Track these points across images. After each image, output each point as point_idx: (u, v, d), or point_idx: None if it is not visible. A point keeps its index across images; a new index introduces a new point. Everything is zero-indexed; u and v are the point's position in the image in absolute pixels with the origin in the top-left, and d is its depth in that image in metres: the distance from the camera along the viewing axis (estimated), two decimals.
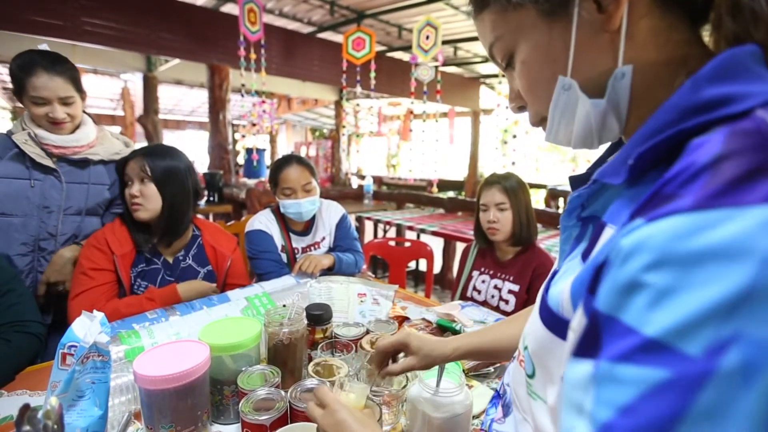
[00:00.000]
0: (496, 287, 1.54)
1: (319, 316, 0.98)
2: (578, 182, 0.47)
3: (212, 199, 4.23)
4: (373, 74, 4.42)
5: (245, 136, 8.37)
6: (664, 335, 0.25)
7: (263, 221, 1.59)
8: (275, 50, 5.03)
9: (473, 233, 1.64)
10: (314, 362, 0.83)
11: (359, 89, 4.55)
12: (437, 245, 2.87)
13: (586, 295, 0.33)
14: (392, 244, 2.54)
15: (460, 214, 3.85)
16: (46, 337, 1.06)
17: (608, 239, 0.35)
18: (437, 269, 3.72)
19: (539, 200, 6.77)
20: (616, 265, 0.29)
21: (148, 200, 1.19)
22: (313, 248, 1.65)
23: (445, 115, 8.55)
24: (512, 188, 1.49)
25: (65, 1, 3.58)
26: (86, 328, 0.68)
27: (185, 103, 10.53)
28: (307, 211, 1.55)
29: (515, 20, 0.41)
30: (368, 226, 4.06)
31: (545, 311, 0.43)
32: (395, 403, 0.77)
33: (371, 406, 0.64)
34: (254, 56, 3.84)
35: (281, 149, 12.78)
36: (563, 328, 0.39)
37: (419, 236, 3.34)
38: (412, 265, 3.70)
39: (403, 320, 1.21)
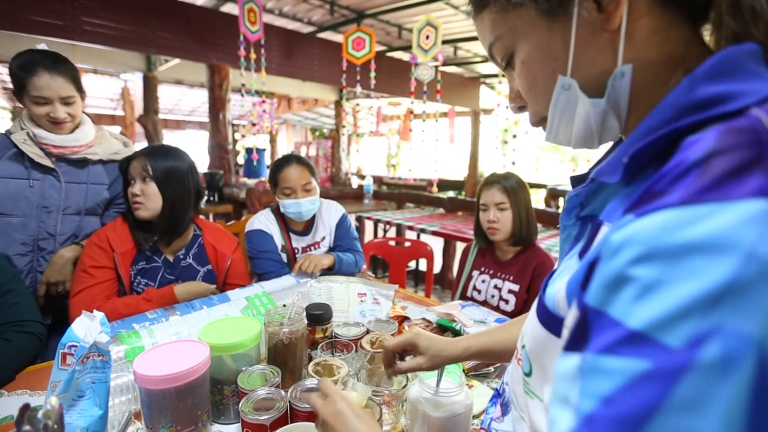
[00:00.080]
0: (496, 287, 1.54)
1: (319, 315, 0.98)
2: (578, 182, 0.47)
3: (212, 199, 4.24)
4: (373, 74, 4.42)
5: (245, 135, 8.36)
6: (646, 327, 0.25)
7: (263, 221, 1.59)
8: (275, 50, 5.04)
9: (473, 233, 1.64)
10: (314, 362, 0.83)
11: (359, 89, 4.55)
12: (437, 245, 2.87)
13: (579, 291, 0.33)
14: (392, 243, 2.54)
15: (460, 213, 3.85)
16: (46, 336, 1.06)
17: (603, 237, 0.35)
18: (437, 269, 3.72)
19: (539, 200, 6.78)
20: (605, 259, 0.29)
21: (148, 199, 1.20)
22: (313, 248, 1.65)
23: (445, 114, 8.55)
24: (512, 188, 1.49)
25: (65, 1, 3.58)
26: (86, 327, 0.68)
27: (185, 102, 10.54)
28: (307, 210, 1.55)
29: (515, 20, 0.41)
30: (368, 225, 4.06)
31: (542, 309, 0.43)
32: (395, 403, 0.77)
33: (371, 405, 0.64)
34: (254, 56, 3.85)
35: (281, 149, 12.79)
36: (559, 326, 0.39)
37: (419, 236, 3.33)
38: (412, 264, 3.70)
39: (403, 320, 1.21)
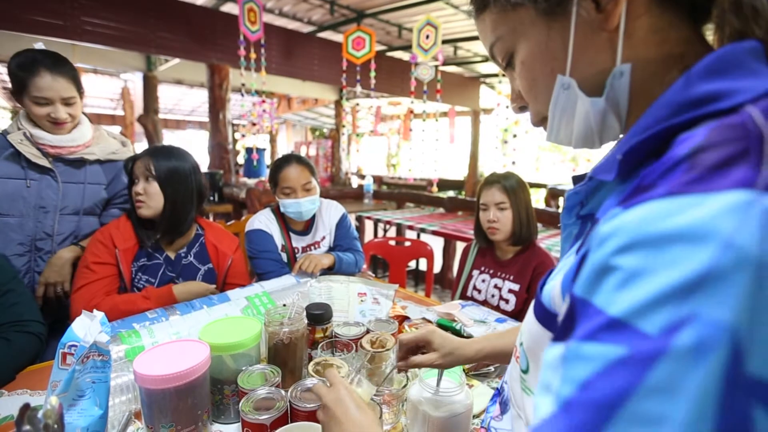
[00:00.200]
0: (496, 286, 1.54)
1: (319, 315, 0.98)
2: (579, 181, 0.47)
3: (212, 198, 4.24)
4: (373, 74, 4.42)
5: (245, 135, 8.37)
6: (625, 314, 0.26)
7: (263, 221, 1.59)
8: (275, 50, 5.03)
9: (473, 233, 1.64)
10: (314, 362, 0.83)
11: (359, 89, 4.55)
12: (437, 245, 2.87)
13: (570, 284, 0.33)
14: (392, 243, 2.53)
15: (460, 213, 3.85)
16: (46, 336, 1.06)
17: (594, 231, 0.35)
18: (437, 269, 3.72)
19: (539, 200, 6.78)
20: (592, 251, 0.30)
21: (150, 198, 1.23)
22: (313, 248, 1.65)
23: (445, 114, 8.55)
24: (512, 187, 1.49)
25: (65, 1, 3.58)
26: (86, 327, 0.68)
27: (185, 102, 10.53)
28: (306, 210, 1.55)
29: (515, 20, 0.41)
30: (368, 225, 4.06)
31: (539, 307, 0.43)
32: (395, 402, 0.77)
33: (372, 405, 0.64)
34: (254, 56, 3.85)
35: (281, 149, 12.79)
36: (554, 322, 0.39)
37: (419, 236, 3.33)
38: (412, 264, 3.70)
39: (403, 319, 1.21)
